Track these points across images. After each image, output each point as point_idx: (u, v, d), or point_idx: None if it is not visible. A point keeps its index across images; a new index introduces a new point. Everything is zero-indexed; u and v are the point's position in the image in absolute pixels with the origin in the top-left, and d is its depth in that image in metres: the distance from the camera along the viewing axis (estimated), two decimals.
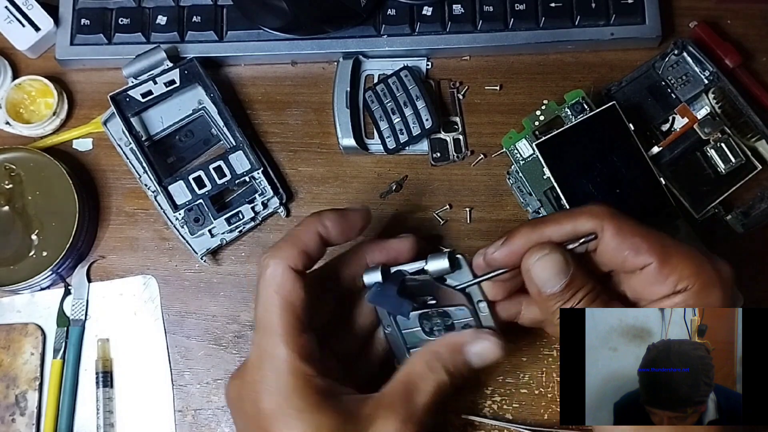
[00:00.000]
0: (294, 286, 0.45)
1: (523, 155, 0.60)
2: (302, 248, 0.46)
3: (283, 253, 0.45)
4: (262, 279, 0.45)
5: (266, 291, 0.45)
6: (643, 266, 0.43)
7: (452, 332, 0.49)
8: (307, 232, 0.47)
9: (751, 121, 0.60)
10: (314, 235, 0.47)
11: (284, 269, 0.45)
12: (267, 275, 0.45)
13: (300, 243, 0.46)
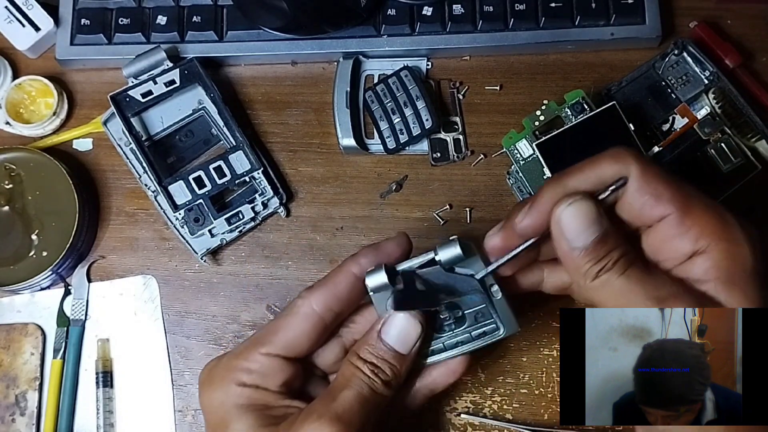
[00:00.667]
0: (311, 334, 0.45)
1: (523, 155, 0.60)
2: (335, 293, 0.45)
3: (315, 298, 0.45)
4: (291, 308, 0.46)
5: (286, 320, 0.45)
6: (662, 217, 0.40)
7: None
8: (341, 275, 0.46)
9: (751, 121, 0.60)
10: (349, 277, 0.45)
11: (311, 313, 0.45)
12: (297, 308, 0.45)
13: (333, 288, 0.45)
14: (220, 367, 0.45)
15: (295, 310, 0.45)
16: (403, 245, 0.47)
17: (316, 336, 0.45)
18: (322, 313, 0.45)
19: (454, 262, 0.45)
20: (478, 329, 0.47)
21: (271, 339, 0.45)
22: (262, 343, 0.45)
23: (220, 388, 0.45)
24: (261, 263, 0.62)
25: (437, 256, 0.45)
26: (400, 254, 0.47)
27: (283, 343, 0.45)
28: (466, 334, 0.47)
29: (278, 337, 0.45)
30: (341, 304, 0.45)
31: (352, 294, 0.46)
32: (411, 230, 0.62)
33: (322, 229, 0.63)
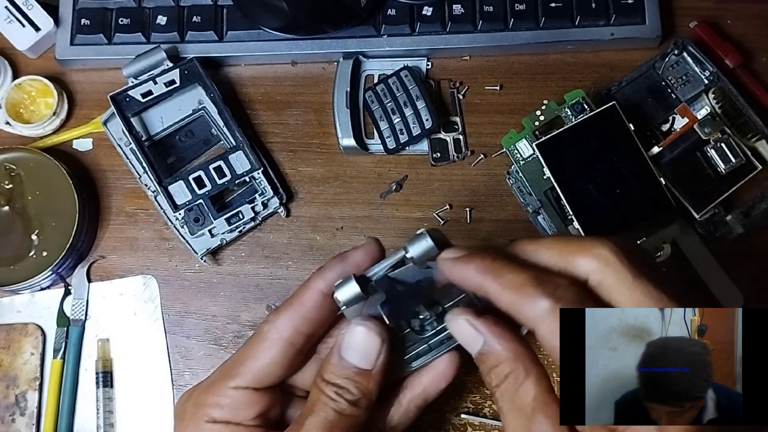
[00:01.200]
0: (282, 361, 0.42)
1: (523, 155, 0.60)
2: (303, 314, 0.41)
3: (282, 323, 0.41)
4: (258, 334, 0.42)
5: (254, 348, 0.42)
6: None
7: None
8: (308, 293, 0.42)
9: (751, 121, 0.60)
10: (316, 295, 0.41)
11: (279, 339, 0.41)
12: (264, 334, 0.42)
13: (300, 308, 0.42)
14: (191, 403, 0.43)
15: (262, 336, 0.42)
16: (372, 252, 0.42)
17: (288, 362, 0.42)
18: (291, 337, 0.41)
19: (427, 257, 0.40)
20: None
21: (239, 371, 0.42)
22: (231, 376, 0.42)
23: (191, 425, 0.42)
24: (261, 263, 0.62)
25: (408, 253, 0.40)
26: (370, 262, 0.42)
27: (253, 374, 0.42)
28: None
29: (247, 368, 0.42)
30: (311, 325, 0.42)
31: (321, 313, 0.42)
32: (411, 230, 0.62)
33: (322, 229, 0.63)
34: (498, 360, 0.37)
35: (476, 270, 0.37)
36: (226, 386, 0.42)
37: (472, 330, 0.38)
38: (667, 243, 0.57)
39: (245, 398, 0.42)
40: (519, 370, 0.37)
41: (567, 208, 0.56)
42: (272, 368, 0.42)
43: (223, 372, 0.43)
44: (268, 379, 0.42)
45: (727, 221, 0.59)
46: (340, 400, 0.40)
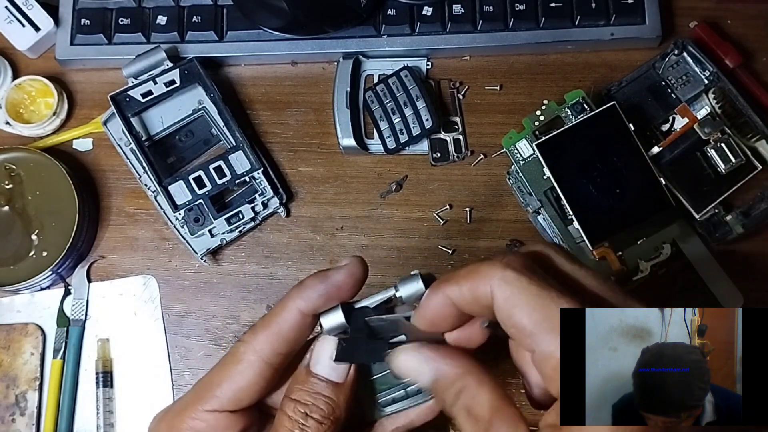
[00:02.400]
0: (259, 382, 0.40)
1: (523, 155, 0.60)
2: (281, 335, 0.39)
3: (259, 343, 0.39)
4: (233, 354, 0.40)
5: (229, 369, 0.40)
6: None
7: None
8: (286, 313, 0.40)
9: (751, 121, 0.60)
10: (295, 315, 0.39)
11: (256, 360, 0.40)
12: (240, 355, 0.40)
13: (278, 328, 0.39)
14: (164, 425, 0.41)
15: (238, 357, 0.40)
16: (356, 274, 0.40)
17: (265, 383, 0.40)
18: (268, 358, 0.39)
19: (416, 298, 0.39)
20: None
21: (215, 393, 0.40)
22: (205, 399, 0.40)
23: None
24: (261, 263, 0.62)
25: (398, 292, 0.39)
26: (353, 284, 0.40)
27: (229, 396, 0.40)
28: None
29: (222, 391, 0.40)
30: (289, 345, 0.40)
31: (299, 332, 0.40)
32: (411, 230, 0.62)
33: (322, 229, 0.62)
34: (450, 380, 0.37)
35: (433, 294, 0.37)
36: (201, 409, 0.40)
37: (417, 361, 0.38)
38: (667, 243, 0.57)
39: (221, 422, 0.40)
40: (471, 383, 0.37)
41: (567, 208, 0.56)
42: (249, 390, 0.40)
43: (196, 394, 0.41)
44: (245, 400, 0.40)
45: (727, 221, 0.59)
46: (306, 421, 0.39)
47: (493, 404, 0.36)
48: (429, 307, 0.37)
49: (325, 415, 0.39)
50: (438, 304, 0.37)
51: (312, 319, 0.40)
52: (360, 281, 0.40)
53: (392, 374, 0.40)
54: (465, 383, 0.37)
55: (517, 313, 0.34)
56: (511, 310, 0.35)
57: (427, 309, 0.38)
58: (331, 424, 0.39)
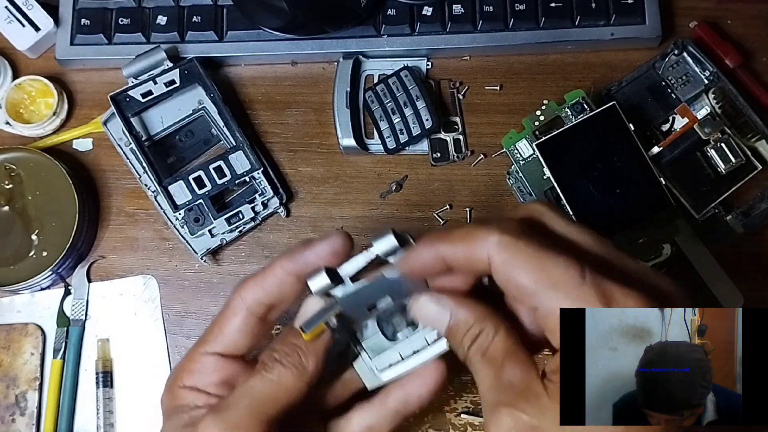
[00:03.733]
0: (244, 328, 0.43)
1: (523, 155, 0.60)
2: (264, 286, 0.43)
3: (245, 292, 0.43)
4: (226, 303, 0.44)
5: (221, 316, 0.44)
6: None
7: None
8: (272, 269, 0.43)
9: (751, 121, 0.60)
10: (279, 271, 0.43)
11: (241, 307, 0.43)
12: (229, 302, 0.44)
13: (263, 280, 0.43)
14: (171, 373, 0.45)
15: (228, 305, 0.44)
16: (337, 247, 0.43)
17: (249, 330, 0.43)
18: (251, 306, 0.43)
19: (390, 254, 0.42)
20: (433, 332, 0.42)
21: (208, 337, 0.44)
22: (201, 342, 0.44)
23: (168, 392, 0.45)
24: (261, 263, 0.62)
25: (373, 249, 0.42)
26: (333, 254, 0.43)
27: (219, 340, 0.44)
28: (422, 340, 0.43)
29: (214, 335, 0.44)
30: (271, 297, 0.43)
31: (283, 288, 0.43)
32: (411, 230, 0.62)
33: (322, 229, 0.62)
34: (467, 324, 0.39)
35: (425, 247, 0.39)
36: (197, 352, 0.44)
37: (436, 306, 0.40)
38: (667, 243, 0.57)
39: (211, 363, 0.44)
40: (488, 327, 0.39)
41: (567, 208, 0.56)
42: (236, 335, 0.43)
43: (197, 341, 0.45)
44: (233, 346, 0.44)
45: (727, 221, 0.59)
46: (273, 365, 0.41)
47: (507, 348, 0.38)
48: (418, 258, 0.40)
49: (291, 361, 0.41)
50: (428, 257, 0.39)
51: (295, 281, 0.42)
52: (341, 254, 0.43)
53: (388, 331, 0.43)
54: (482, 327, 0.39)
55: (518, 275, 0.36)
56: (510, 272, 0.37)
57: (416, 259, 0.40)
58: (296, 371, 0.41)
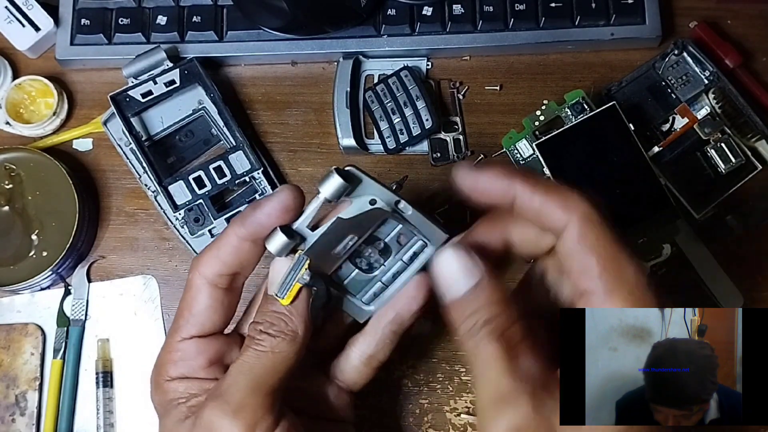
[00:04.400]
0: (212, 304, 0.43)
1: (523, 155, 0.60)
2: (220, 257, 0.42)
3: (202, 267, 0.42)
4: (186, 283, 0.43)
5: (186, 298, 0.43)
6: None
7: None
8: (225, 238, 0.42)
9: (751, 121, 0.60)
10: (233, 239, 0.42)
11: (202, 283, 0.42)
12: (189, 282, 0.43)
13: (218, 251, 0.42)
14: (154, 370, 0.44)
15: (189, 284, 0.43)
16: (285, 201, 0.41)
17: (219, 304, 0.43)
18: (213, 280, 0.42)
19: (341, 194, 0.40)
20: (407, 253, 0.43)
21: (179, 323, 0.43)
22: (175, 330, 0.43)
23: (156, 389, 0.44)
24: (261, 263, 0.61)
25: (321, 194, 0.40)
26: (283, 209, 0.41)
27: (191, 322, 0.43)
28: (399, 263, 0.43)
29: (185, 319, 0.43)
30: (230, 267, 0.42)
31: (241, 255, 0.42)
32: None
33: None
34: (490, 299, 0.37)
35: (502, 174, 0.37)
36: (174, 341, 0.43)
37: (466, 264, 0.37)
38: (667, 243, 0.57)
39: (192, 348, 0.43)
40: (512, 310, 0.37)
41: None
42: (207, 312, 0.43)
43: (170, 330, 0.44)
44: (208, 323, 0.43)
45: (727, 221, 0.59)
46: (262, 337, 0.40)
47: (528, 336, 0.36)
48: (489, 180, 0.37)
49: (279, 330, 0.41)
50: (499, 185, 0.37)
51: (251, 245, 0.42)
52: (291, 207, 0.41)
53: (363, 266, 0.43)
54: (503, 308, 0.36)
55: (589, 255, 0.35)
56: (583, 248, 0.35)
57: (486, 180, 0.38)
58: (287, 338, 0.41)
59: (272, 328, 0.41)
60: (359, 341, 0.46)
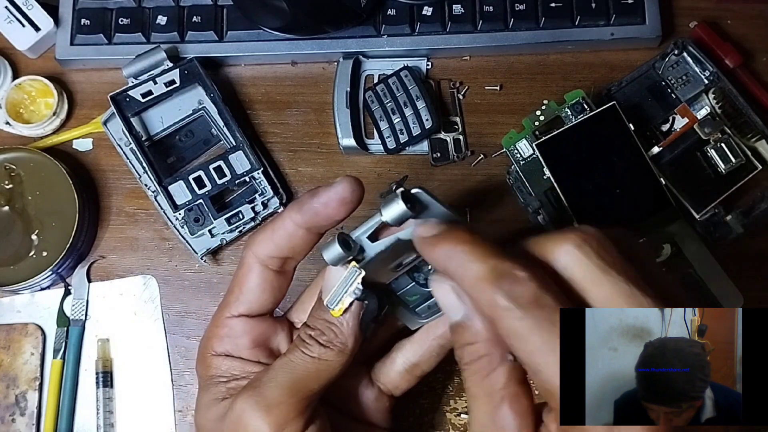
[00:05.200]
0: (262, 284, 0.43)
1: (523, 155, 0.60)
2: (274, 240, 0.42)
3: (256, 247, 0.43)
4: (239, 262, 0.44)
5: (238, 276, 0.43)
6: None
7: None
8: (279, 221, 0.42)
9: (751, 121, 0.60)
10: (288, 223, 0.42)
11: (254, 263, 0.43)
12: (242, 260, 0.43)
13: (272, 234, 0.42)
14: (202, 341, 0.45)
15: (242, 262, 0.43)
16: (343, 193, 0.41)
17: (269, 286, 0.43)
18: (263, 261, 0.42)
19: (404, 220, 0.39)
20: None
21: (229, 299, 0.43)
22: (225, 306, 0.44)
23: (201, 361, 0.44)
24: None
25: (382, 217, 0.39)
26: (340, 202, 0.41)
27: (241, 300, 0.43)
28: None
29: (235, 296, 0.43)
30: (283, 251, 0.42)
31: (294, 241, 0.42)
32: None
33: None
34: (475, 338, 0.36)
35: (443, 253, 0.36)
36: (223, 317, 0.43)
37: (455, 299, 0.37)
38: (667, 243, 0.57)
39: (239, 326, 0.43)
40: (494, 354, 0.36)
41: (567, 208, 0.56)
42: (256, 292, 0.43)
43: (220, 305, 0.44)
44: (256, 304, 0.43)
45: (727, 221, 0.59)
46: (311, 343, 0.40)
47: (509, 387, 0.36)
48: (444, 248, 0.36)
49: (328, 340, 0.40)
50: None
51: (305, 233, 0.42)
52: (349, 201, 0.41)
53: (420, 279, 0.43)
54: (488, 351, 0.36)
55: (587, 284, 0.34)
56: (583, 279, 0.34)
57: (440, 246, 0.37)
58: (336, 349, 0.40)
59: (322, 336, 0.40)
60: (406, 348, 0.46)
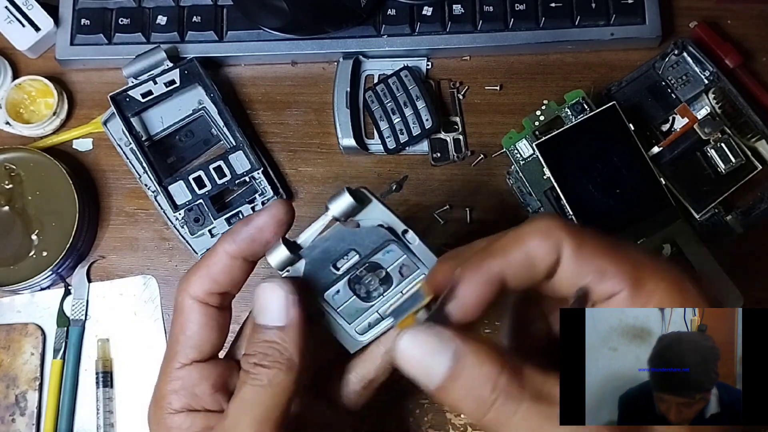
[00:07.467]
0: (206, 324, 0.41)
1: (523, 155, 0.60)
2: (211, 276, 0.40)
3: (191, 287, 0.40)
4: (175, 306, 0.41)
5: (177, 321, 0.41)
6: (611, 295, 0.35)
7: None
8: (214, 256, 0.40)
9: (751, 121, 0.60)
10: (223, 257, 0.40)
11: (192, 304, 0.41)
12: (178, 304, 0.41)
13: (207, 270, 0.40)
14: (152, 405, 0.41)
15: (180, 307, 0.41)
16: (277, 216, 0.40)
17: (214, 324, 0.41)
18: (203, 299, 0.40)
19: (349, 214, 0.40)
20: (408, 285, 0.42)
21: (176, 349, 0.40)
22: (171, 357, 0.41)
23: (157, 425, 0.40)
24: (261, 263, 0.62)
25: (329, 211, 0.39)
26: (276, 224, 0.40)
27: (189, 346, 0.40)
28: (397, 294, 0.42)
29: (181, 344, 0.40)
30: (221, 285, 0.41)
31: (232, 273, 0.41)
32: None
33: None
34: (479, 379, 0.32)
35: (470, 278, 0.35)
36: (172, 369, 0.40)
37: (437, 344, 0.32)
38: (667, 243, 0.57)
39: (195, 373, 0.40)
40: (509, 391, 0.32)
41: (567, 208, 0.56)
42: (203, 333, 0.40)
43: (165, 359, 0.41)
44: (206, 345, 0.41)
45: (727, 221, 0.59)
46: (257, 371, 0.38)
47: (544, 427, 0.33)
48: (468, 296, 0.34)
49: (273, 360, 0.38)
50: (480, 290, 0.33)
51: (242, 262, 0.41)
52: (283, 222, 0.40)
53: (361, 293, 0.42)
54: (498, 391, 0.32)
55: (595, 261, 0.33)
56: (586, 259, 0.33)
57: (466, 299, 0.34)
58: (283, 367, 0.38)
59: (266, 359, 0.38)
60: (359, 367, 0.44)
